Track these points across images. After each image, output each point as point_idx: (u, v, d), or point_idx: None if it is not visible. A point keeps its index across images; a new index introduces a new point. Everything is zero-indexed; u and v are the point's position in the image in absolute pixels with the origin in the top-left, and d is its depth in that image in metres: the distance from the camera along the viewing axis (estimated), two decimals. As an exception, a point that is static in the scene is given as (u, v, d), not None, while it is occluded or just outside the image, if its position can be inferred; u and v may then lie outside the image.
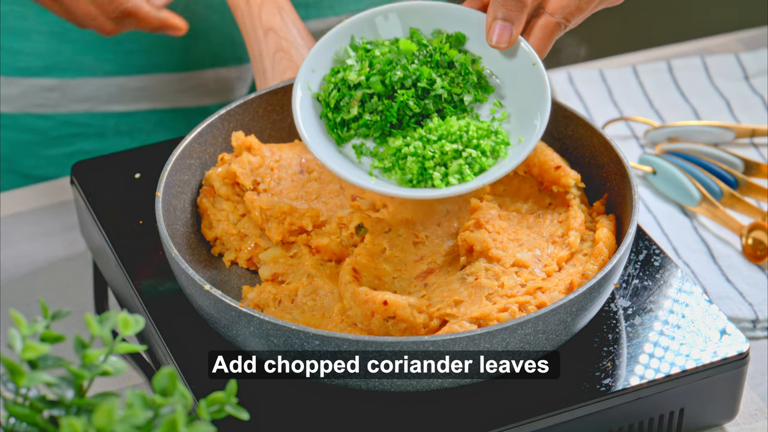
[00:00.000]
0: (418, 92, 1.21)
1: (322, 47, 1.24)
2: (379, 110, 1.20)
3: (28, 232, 1.49)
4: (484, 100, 1.23)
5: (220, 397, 0.88)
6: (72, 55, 1.58)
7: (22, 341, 0.86)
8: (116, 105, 1.63)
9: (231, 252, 1.27)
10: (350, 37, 1.25)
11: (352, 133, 1.22)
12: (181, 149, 1.27)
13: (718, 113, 1.67)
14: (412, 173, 1.17)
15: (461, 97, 1.21)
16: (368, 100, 1.21)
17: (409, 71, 1.21)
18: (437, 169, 1.17)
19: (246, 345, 1.12)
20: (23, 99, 1.60)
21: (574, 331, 1.14)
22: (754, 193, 1.50)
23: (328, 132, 1.22)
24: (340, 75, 1.23)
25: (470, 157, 1.17)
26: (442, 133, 1.18)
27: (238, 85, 1.69)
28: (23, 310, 1.37)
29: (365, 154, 1.21)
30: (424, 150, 1.17)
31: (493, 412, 1.11)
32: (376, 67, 1.21)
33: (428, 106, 1.20)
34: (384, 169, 1.19)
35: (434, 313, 1.14)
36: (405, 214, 1.26)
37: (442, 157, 1.17)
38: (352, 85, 1.22)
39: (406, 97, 1.20)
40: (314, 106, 1.23)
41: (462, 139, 1.18)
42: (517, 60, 1.21)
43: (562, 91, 1.69)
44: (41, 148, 1.64)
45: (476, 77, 1.22)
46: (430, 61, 1.22)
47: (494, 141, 1.18)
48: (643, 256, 1.26)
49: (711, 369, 1.16)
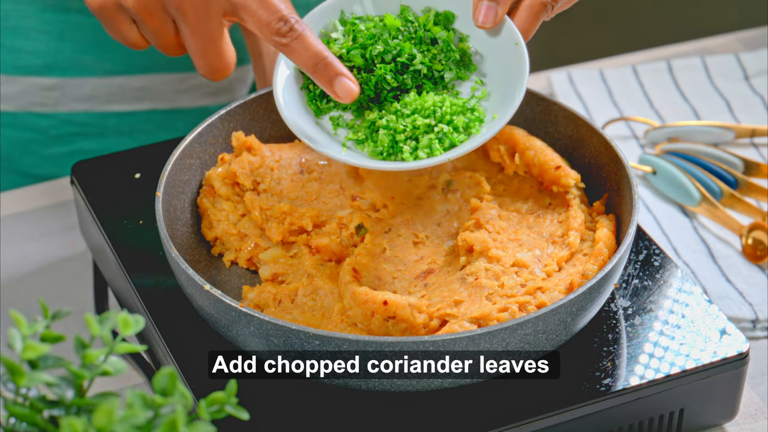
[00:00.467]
0: (397, 67, 1.21)
1: (311, 20, 1.25)
2: (359, 83, 1.21)
3: (28, 232, 1.49)
4: (466, 78, 1.23)
5: (220, 397, 0.88)
6: (72, 55, 1.58)
7: (22, 341, 0.86)
8: (116, 105, 1.63)
9: (231, 252, 1.27)
10: (340, 11, 1.25)
11: (331, 105, 1.23)
12: (181, 149, 1.27)
13: (718, 113, 1.67)
14: (383, 146, 1.18)
15: (442, 74, 1.22)
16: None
17: (390, 46, 1.21)
18: (407, 142, 1.18)
19: (246, 345, 1.12)
20: (23, 97, 1.60)
21: (574, 331, 1.14)
22: (754, 193, 1.50)
23: (308, 103, 1.23)
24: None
25: (441, 132, 1.17)
26: (415, 107, 1.19)
27: (237, 85, 1.69)
28: (23, 310, 1.37)
29: (342, 126, 1.22)
30: (396, 123, 1.18)
31: (493, 412, 1.11)
32: (359, 41, 1.22)
33: (406, 81, 1.21)
34: (357, 141, 1.20)
35: (434, 313, 1.14)
36: (405, 214, 1.26)
37: (414, 131, 1.18)
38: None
39: (384, 71, 1.20)
40: (296, 79, 1.24)
41: (435, 114, 1.18)
42: (501, 39, 1.22)
43: (562, 91, 1.69)
44: (41, 147, 1.64)
45: (459, 55, 1.23)
46: (414, 38, 1.23)
47: (468, 118, 1.19)
48: (643, 256, 1.26)
49: (711, 369, 1.16)
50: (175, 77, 1.63)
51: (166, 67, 1.62)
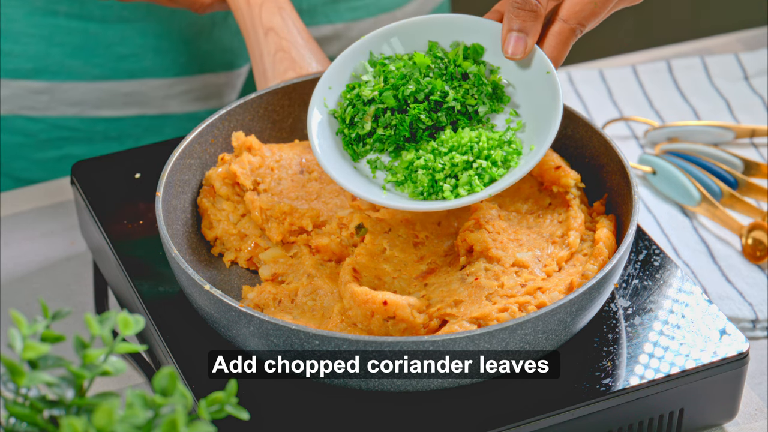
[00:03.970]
0: (431, 105, 1.21)
1: (340, 65, 1.25)
2: (393, 125, 1.21)
3: (28, 232, 1.49)
4: (500, 110, 1.23)
5: (220, 397, 0.88)
6: (61, 59, 1.58)
7: (23, 341, 0.86)
8: (105, 110, 1.63)
9: (231, 252, 1.28)
10: (368, 53, 1.25)
11: (368, 149, 1.22)
12: (181, 149, 1.27)
13: (718, 113, 1.67)
14: (423, 186, 1.18)
15: (476, 108, 1.22)
16: (382, 115, 1.22)
17: (422, 84, 1.21)
18: (447, 181, 1.17)
19: (246, 345, 1.12)
20: (13, 101, 1.60)
21: (574, 331, 1.14)
22: (753, 193, 1.50)
23: (344, 148, 1.23)
24: (355, 91, 1.23)
25: (480, 168, 1.17)
26: (452, 144, 1.18)
27: (226, 91, 1.69)
28: (23, 310, 1.37)
29: (380, 168, 1.22)
30: (434, 162, 1.18)
31: (493, 412, 1.12)
32: (390, 81, 1.22)
33: (441, 118, 1.21)
34: (396, 183, 1.20)
35: (434, 313, 1.14)
36: (405, 214, 1.26)
37: (453, 169, 1.17)
38: (366, 100, 1.22)
39: (418, 111, 1.20)
40: (330, 123, 1.24)
41: (472, 150, 1.18)
42: (532, 69, 1.21)
43: (562, 91, 1.69)
44: (31, 151, 1.64)
45: (491, 88, 1.23)
46: (445, 74, 1.23)
47: (506, 151, 1.18)
48: (643, 256, 1.26)
49: (711, 369, 1.16)
50: (164, 82, 1.63)
51: (155, 73, 1.62)
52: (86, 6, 1.55)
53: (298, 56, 1.38)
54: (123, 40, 1.58)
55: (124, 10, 1.56)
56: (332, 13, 1.65)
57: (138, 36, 1.58)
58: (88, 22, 1.56)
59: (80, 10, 1.55)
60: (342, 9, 1.66)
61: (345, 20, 1.67)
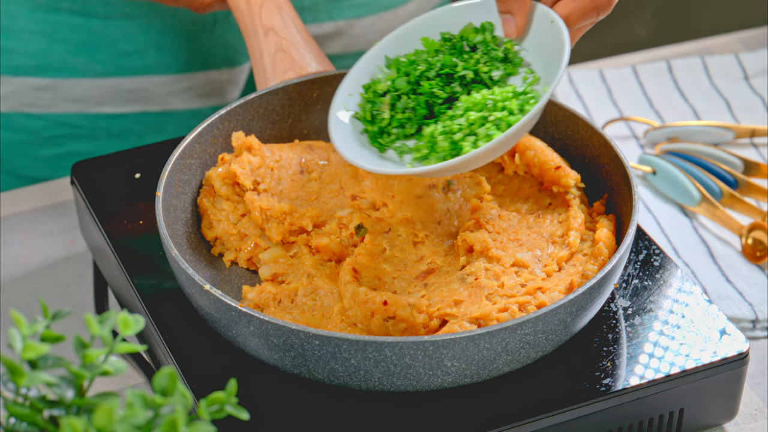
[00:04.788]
0: (443, 80, 1.21)
1: (357, 74, 1.27)
2: (410, 107, 1.21)
3: (28, 232, 1.49)
4: (515, 73, 1.24)
5: (220, 397, 0.88)
6: (63, 56, 1.58)
7: (23, 341, 0.86)
8: (108, 107, 1.63)
9: (231, 252, 1.28)
10: (384, 57, 1.26)
11: (393, 138, 1.23)
12: (181, 149, 1.27)
13: (718, 113, 1.67)
14: (445, 150, 1.18)
15: (489, 74, 1.22)
16: (397, 101, 1.22)
17: (431, 63, 1.22)
18: (466, 139, 1.17)
19: (246, 345, 1.12)
20: (15, 98, 1.60)
21: (574, 331, 1.14)
22: (753, 193, 1.50)
23: (371, 144, 1.23)
24: (371, 89, 1.24)
25: (497, 119, 1.17)
26: (467, 105, 1.19)
27: (229, 88, 1.69)
28: (23, 310, 1.37)
29: (405, 152, 1.22)
30: (452, 124, 1.18)
31: (493, 412, 1.12)
32: (402, 70, 1.23)
33: (456, 89, 1.21)
34: (422, 158, 1.20)
35: (434, 313, 1.14)
36: (405, 214, 1.26)
37: (470, 128, 1.17)
38: (381, 93, 1.24)
39: (430, 87, 1.20)
40: (353, 127, 1.24)
41: (487, 106, 1.18)
42: (537, 25, 1.22)
43: (562, 91, 1.69)
44: (33, 149, 1.64)
45: (502, 53, 1.23)
46: (454, 51, 1.23)
47: (522, 99, 1.18)
48: (643, 256, 1.26)
49: (711, 369, 1.16)
50: (166, 79, 1.63)
51: (158, 69, 1.62)
52: (89, 3, 1.55)
53: (298, 56, 1.38)
54: (126, 37, 1.58)
55: (126, 7, 1.56)
56: (334, 10, 1.65)
57: (141, 33, 1.58)
58: (90, 18, 1.56)
59: (83, 6, 1.55)
60: (344, 6, 1.66)
61: (347, 17, 1.67)
